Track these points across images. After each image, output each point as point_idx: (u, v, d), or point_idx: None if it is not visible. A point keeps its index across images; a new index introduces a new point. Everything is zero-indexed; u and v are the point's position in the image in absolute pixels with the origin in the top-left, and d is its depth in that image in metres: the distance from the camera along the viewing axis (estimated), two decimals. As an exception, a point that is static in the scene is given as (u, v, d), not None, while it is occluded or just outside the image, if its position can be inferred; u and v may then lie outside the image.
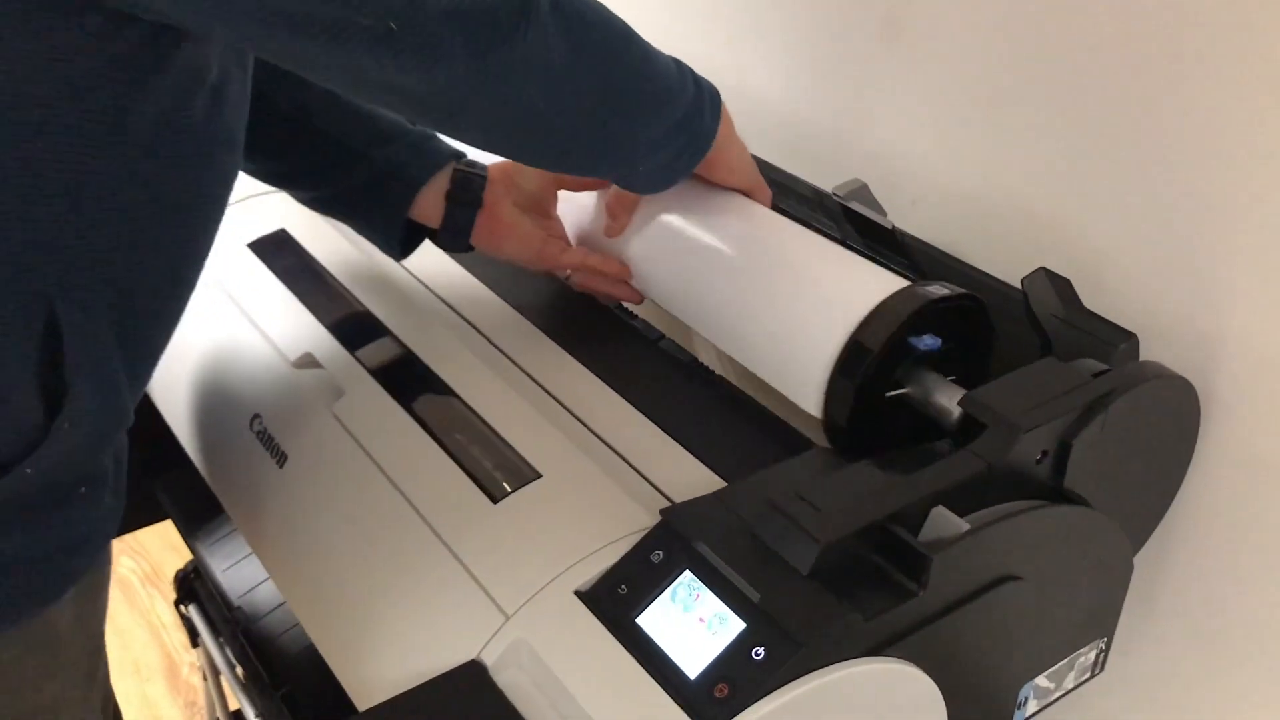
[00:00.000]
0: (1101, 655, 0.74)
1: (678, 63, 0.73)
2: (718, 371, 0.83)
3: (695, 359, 0.87)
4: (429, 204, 0.83)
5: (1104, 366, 0.71)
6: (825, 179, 0.89)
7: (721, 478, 0.71)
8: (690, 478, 0.71)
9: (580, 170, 0.77)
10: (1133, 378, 0.68)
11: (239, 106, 0.67)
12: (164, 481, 1.00)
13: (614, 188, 0.84)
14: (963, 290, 0.72)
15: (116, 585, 1.83)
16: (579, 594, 0.62)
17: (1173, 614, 0.81)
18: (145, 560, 1.86)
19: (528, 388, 0.77)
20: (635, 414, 0.76)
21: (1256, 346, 0.72)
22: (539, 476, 0.69)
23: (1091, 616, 0.72)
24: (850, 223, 0.88)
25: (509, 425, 0.73)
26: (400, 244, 0.85)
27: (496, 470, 0.70)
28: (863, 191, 0.88)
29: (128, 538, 1.74)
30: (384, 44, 0.56)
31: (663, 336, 0.90)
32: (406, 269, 0.91)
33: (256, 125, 0.84)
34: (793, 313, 0.74)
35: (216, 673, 1.04)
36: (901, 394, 0.71)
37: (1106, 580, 0.71)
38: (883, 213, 0.88)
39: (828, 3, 0.96)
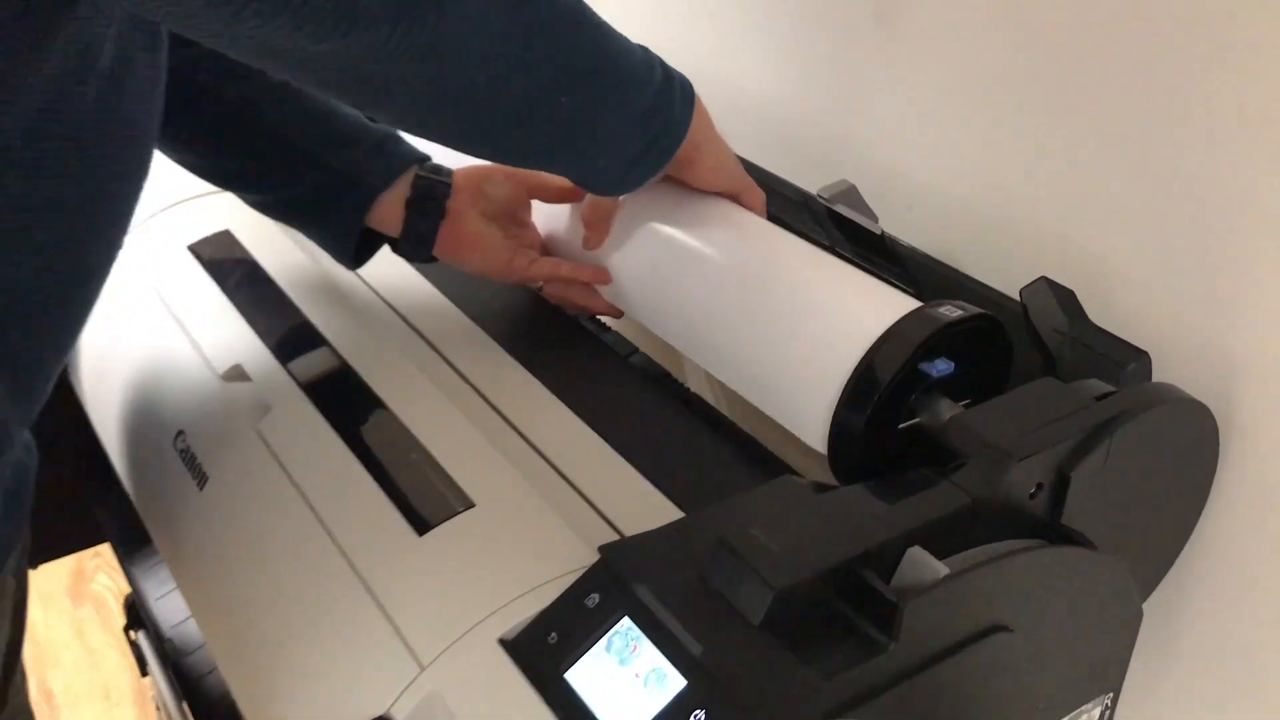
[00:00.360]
0: (1107, 713, 0.66)
1: (644, 49, 0.66)
2: (710, 399, 0.76)
3: (668, 375, 0.80)
4: (388, 211, 0.77)
5: (1110, 388, 0.63)
6: (819, 181, 0.82)
7: (681, 509, 0.64)
8: (646, 508, 0.63)
9: (532, 162, 0.70)
10: (1142, 401, 0.60)
11: (148, 97, 0.60)
12: (104, 501, 0.94)
13: (588, 195, 0.77)
14: (977, 310, 0.64)
15: (91, 603, 1.77)
16: (504, 643, 0.54)
17: (1190, 667, 0.72)
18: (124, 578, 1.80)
19: (474, 407, 0.70)
20: (592, 436, 0.69)
21: (1283, 367, 0.64)
22: (472, 506, 0.62)
23: (1094, 670, 0.64)
24: (838, 228, 0.81)
25: (447, 448, 0.66)
26: (355, 253, 0.78)
27: (427, 498, 0.63)
28: (850, 194, 0.81)
29: (105, 553, 1.69)
30: (291, 6, 0.49)
31: (635, 351, 0.83)
32: (359, 275, 0.84)
33: (199, 120, 0.77)
34: (793, 337, 0.67)
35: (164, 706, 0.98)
36: (914, 424, 0.63)
37: (1111, 630, 0.63)
38: (873, 217, 0.80)
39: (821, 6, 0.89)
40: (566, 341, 0.80)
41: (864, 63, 0.87)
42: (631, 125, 0.65)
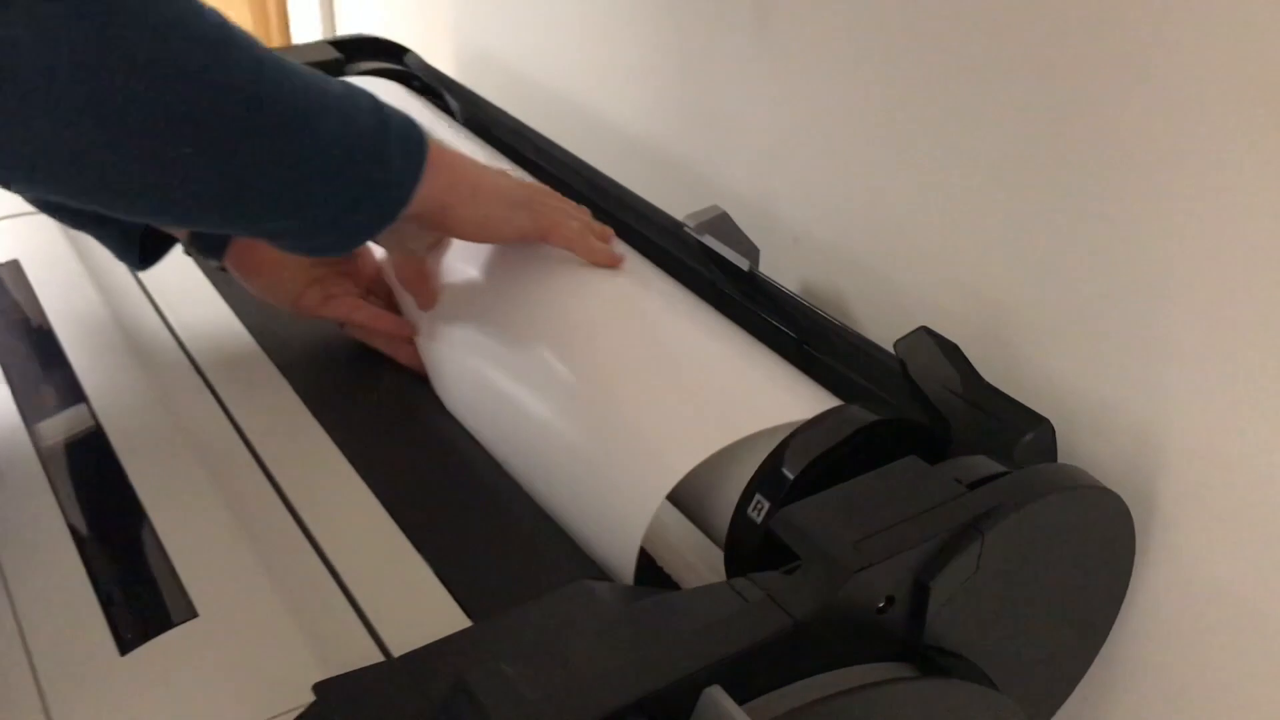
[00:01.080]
0: None
1: (351, 90, 0.54)
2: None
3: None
4: None
5: (999, 468, 0.51)
6: (695, 206, 0.70)
7: (471, 616, 0.52)
8: (425, 618, 0.51)
9: (176, 222, 0.57)
10: (1028, 490, 0.48)
11: None
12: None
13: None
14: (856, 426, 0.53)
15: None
16: (185, 807, 0.42)
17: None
18: None
19: (239, 476, 0.58)
20: (382, 516, 0.57)
21: (1217, 443, 0.52)
22: (194, 617, 0.49)
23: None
24: (711, 260, 0.69)
25: (190, 537, 0.54)
26: (140, 252, 0.66)
27: (143, 604, 0.51)
28: (722, 222, 0.69)
29: None
30: None
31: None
32: (156, 306, 0.72)
33: None
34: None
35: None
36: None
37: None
38: (751, 249, 0.68)
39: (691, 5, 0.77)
40: (390, 392, 0.68)
41: (741, 79, 0.75)
42: (320, 183, 0.52)
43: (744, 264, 0.65)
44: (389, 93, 0.87)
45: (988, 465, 0.51)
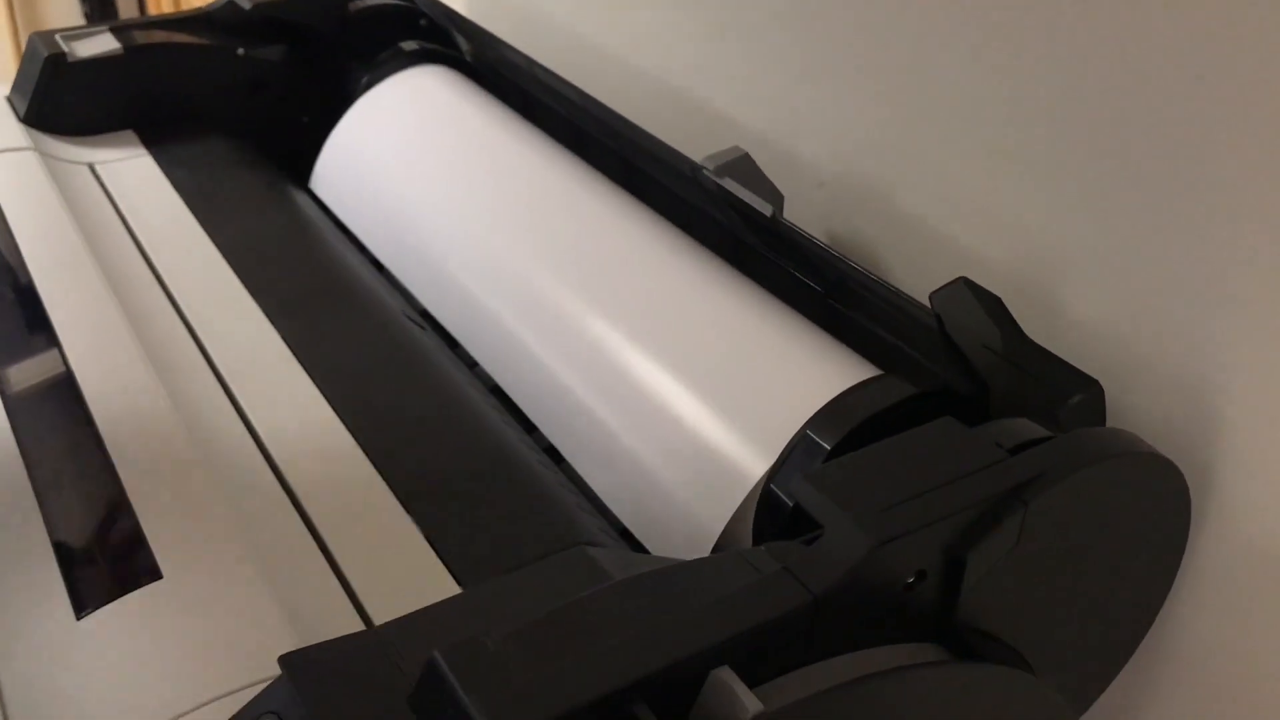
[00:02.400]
0: None
1: None
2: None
3: (498, 398, 0.64)
4: None
5: (1042, 432, 0.46)
6: (716, 147, 0.65)
7: (460, 582, 0.48)
8: (413, 585, 0.47)
9: None
10: (1075, 456, 0.43)
11: None
12: None
13: None
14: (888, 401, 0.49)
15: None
16: (136, 788, 0.38)
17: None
18: None
19: (215, 429, 0.54)
20: (369, 473, 0.53)
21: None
22: (157, 579, 0.45)
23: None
24: (731, 206, 0.64)
25: (159, 492, 0.50)
26: None
27: (103, 564, 0.47)
28: (743, 164, 0.64)
29: None
30: None
31: (476, 365, 0.66)
32: (146, 255, 0.68)
33: None
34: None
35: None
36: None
37: (1032, 763, 0.47)
38: (773, 194, 0.64)
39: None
40: (386, 338, 0.64)
41: (765, 5, 0.69)
42: None
43: (766, 209, 0.60)
44: (438, 78, 0.82)
45: (1031, 429, 0.46)
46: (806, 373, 0.53)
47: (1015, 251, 0.56)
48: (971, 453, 0.43)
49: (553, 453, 0.60)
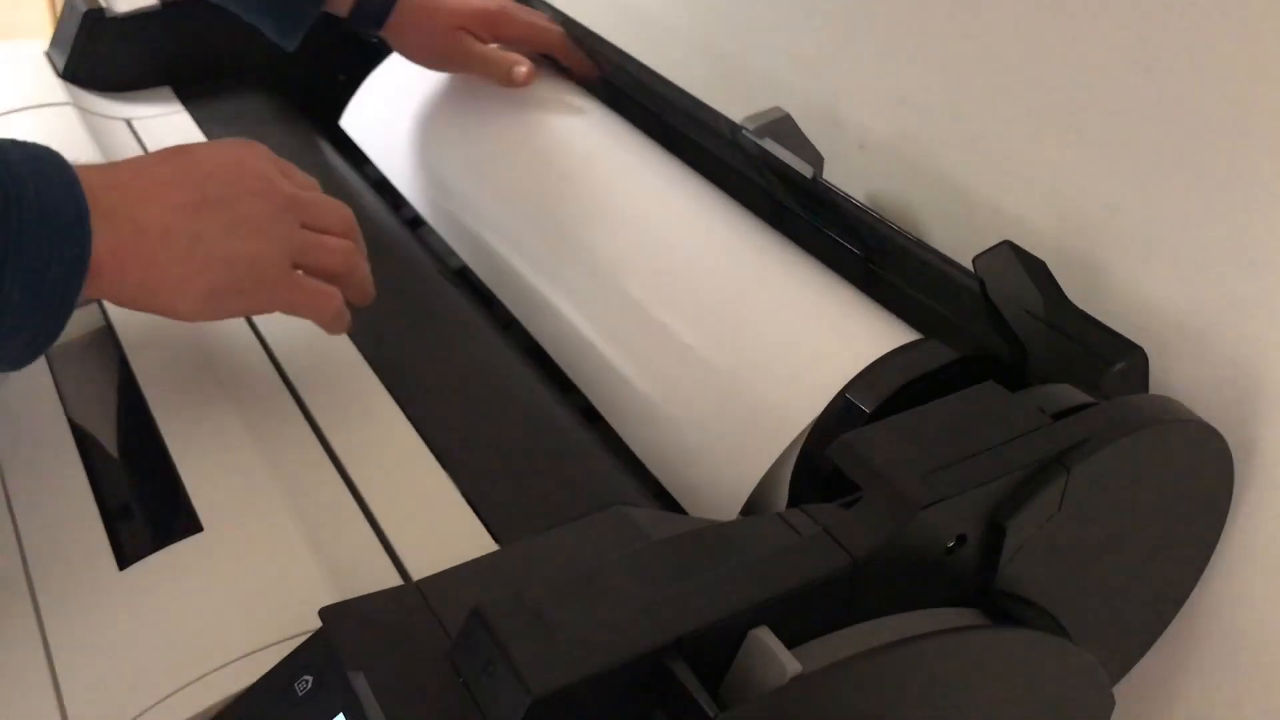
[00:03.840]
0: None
1: None
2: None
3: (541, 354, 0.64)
4: None
5: (1085, 398, 0.46)
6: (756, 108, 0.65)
7: (499, 541, 0.48)
8: (449, 542, 0.47)
9: None
10: (1119, 423, 0.43)
11: None
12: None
13: None
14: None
15: None
16: (179, 736, 0.39)
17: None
18: None
19: (254, 385, 0.54)
20: (408, 431, 0.53)
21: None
22: (198, 531, 0.46)
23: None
24: (770, 169, 0.64)
25: (199, 446, 0.50)
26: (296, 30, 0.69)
27: (145, 516, 0.47)
28: (784, 125, 0.64)
29: None
30: None
31: (514, 322, 0.66)
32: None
33: None
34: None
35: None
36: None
37: (1067, 728, 0.47)
38: (813, 156, 0.63)
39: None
40: (419, 297, 0.64)
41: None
42: None
43: (808, 171, 0.60)
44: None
45: (1074, 395, 0.46)
46: (846, 336, 0.53)
47: (1059, 217, 0.56)
48: (1014, 418, 0.43)
49: (589, 413, 0.60)
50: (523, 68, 0.72)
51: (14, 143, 0.43)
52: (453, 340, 0.61)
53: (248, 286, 0.47)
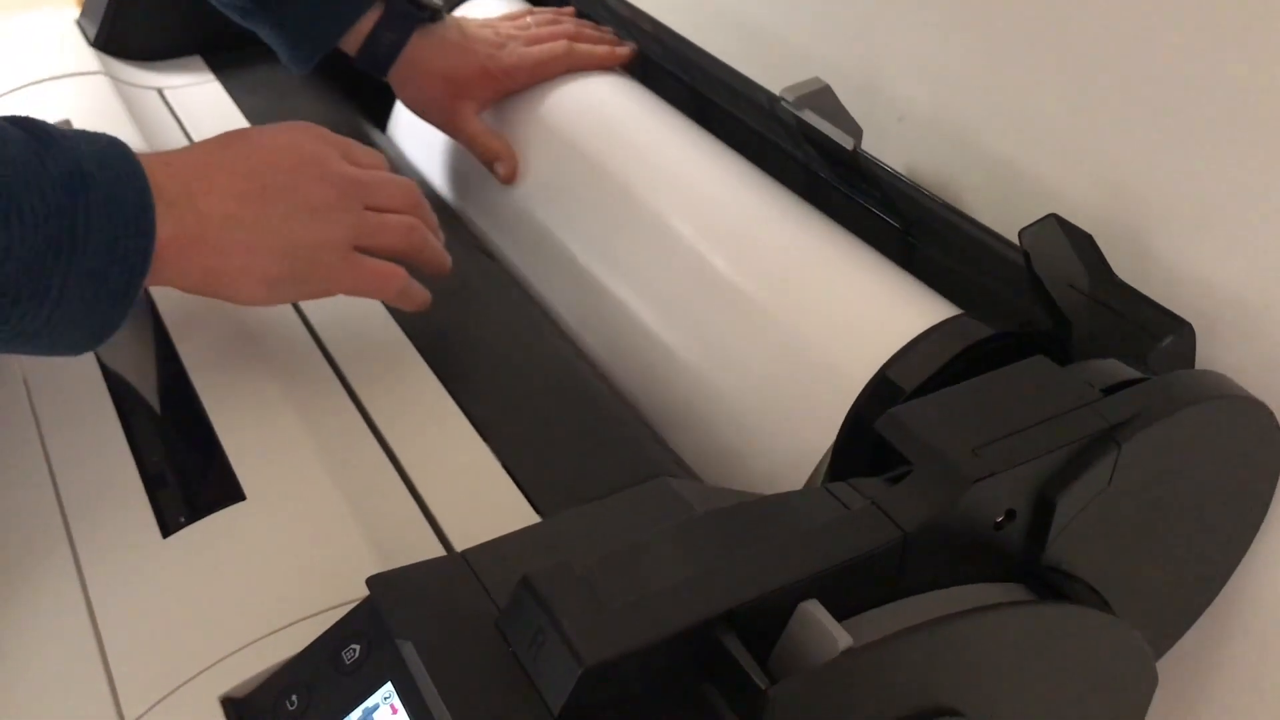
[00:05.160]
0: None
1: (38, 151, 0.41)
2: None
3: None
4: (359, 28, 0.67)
5: (1134, 374, 0.45)
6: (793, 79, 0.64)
7: (541, 514, 0.48)
8: (491, 513, 0.47)
9: None
10: (1170, 398, 0.42)
11: None
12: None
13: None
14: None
15: None
16: (227, 702, 0.39)
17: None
18: None
19: (295, 357, 0.54)
20: (448, 404, 0.53)
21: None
22: (240, 500, 0.46)
23: (1087, 753, 0.47)
24: (809, 140, 0.63)
25: (241, 416, 0.50)
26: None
27: (187, 484, 0.47)
28: (823, 96, 0.63)
29: None
30: None
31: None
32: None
33: None
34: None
35: None
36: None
37: (1110, 704, 0.46)
38: (854, 128, 0.62)
39: None
40: (460, 271, 0.63)
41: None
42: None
43: (848, 143, 0.59)
44: (511, 6, 0.80)
45: (1123, 370, 0.45)
46: (888, 310, 0.52)
47: (1105, 190, 0.55)
48: (1064, 392, 0.42)
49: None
50: (503, 166, 0.67)
51: (82, 134, 0.44)
52: (490, 312, 0.60)
53: (308, 273, 0.48)
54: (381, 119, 0.81)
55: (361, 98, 0.82)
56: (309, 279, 0.49)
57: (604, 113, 0.68)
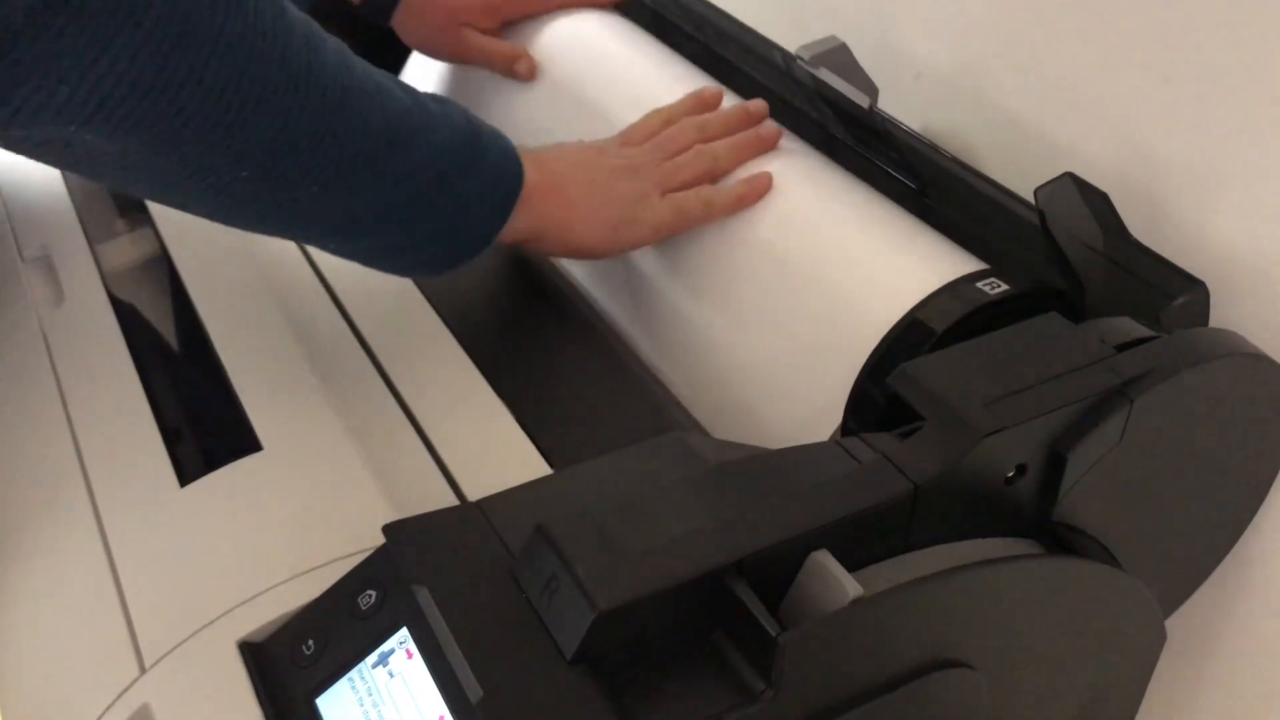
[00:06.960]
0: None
1: (444, 110, 0.49)
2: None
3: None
4: None
5: (1146, 332, 0.45)
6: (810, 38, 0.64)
7: (553, 466, 0.48)
8: (504, 465, 0.48)
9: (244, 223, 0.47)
10: (1182, 355, 0.43)
11: None
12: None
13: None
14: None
15: None
16: (244, 646, 0.40)
17: (1228, 698, 0.56)
18: None
19: (310, 310, 0.55)
20: (461, 357, 0.53)
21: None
22: (257, 450, 0.46)
23: (1096, 708, 0.48)
24: (824, 99, 0.63)
25: (257, 368, 0.51)
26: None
27: (204, 435, 0.48)
28: (839, 54, 0.63)
29: None
30: None
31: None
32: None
33: None
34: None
35: None
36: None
37: (1120, 660, 0.47)
38: (870, 87, 0.62)
39: None
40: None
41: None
42: (388, 212, 0.47)
43: (864, 101, 0.59)
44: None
45: (1135, 327, 0.45)
46: (903, 266, 0.52)
47: (1121, 150, 0.55)
48: (1077, 349, 0.42)
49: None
50: (523, 64, 0.69)
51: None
52: (505, 268, 0.61)
53: (636, 215, 0.56)
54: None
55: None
56: (636, 221, 0.56)
57: (619, 69, 0.67)
